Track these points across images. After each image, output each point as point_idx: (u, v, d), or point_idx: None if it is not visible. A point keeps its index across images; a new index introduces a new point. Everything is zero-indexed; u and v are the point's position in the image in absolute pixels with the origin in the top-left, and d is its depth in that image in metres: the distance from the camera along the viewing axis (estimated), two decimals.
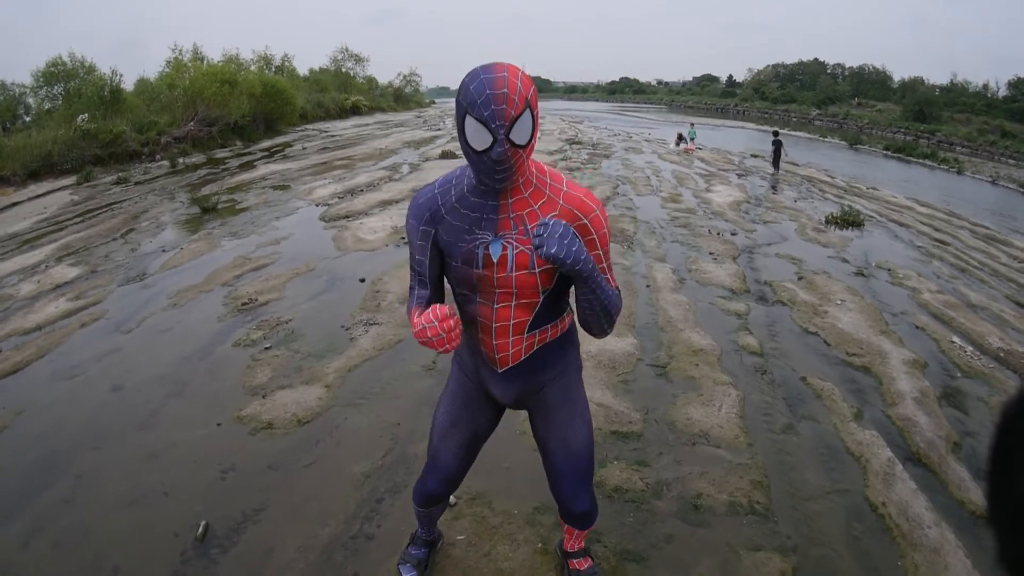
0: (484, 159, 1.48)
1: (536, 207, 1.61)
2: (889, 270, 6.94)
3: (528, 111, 1.46)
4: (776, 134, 15.33)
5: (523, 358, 1.79)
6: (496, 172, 1.50)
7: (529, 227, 1.60)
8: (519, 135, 1.46)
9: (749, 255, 7.16)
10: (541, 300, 1.71)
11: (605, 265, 1.67)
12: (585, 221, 1.62)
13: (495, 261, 1.63)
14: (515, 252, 1.62)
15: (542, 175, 1.64)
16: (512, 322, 1.72)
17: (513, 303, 1.69)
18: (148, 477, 2.98)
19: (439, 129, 24.34)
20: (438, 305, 1.58)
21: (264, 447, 3.23)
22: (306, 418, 3.49)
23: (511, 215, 1.61)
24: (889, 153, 27.68)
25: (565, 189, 1.63)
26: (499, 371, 1.82)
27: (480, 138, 1.45)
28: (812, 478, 3.06)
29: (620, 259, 6.57)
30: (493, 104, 1.41)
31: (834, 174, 16.48)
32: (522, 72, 1.46)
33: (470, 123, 1.45)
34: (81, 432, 3.39)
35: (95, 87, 16.66)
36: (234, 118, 18.56)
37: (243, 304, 5.17)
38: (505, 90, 1.41)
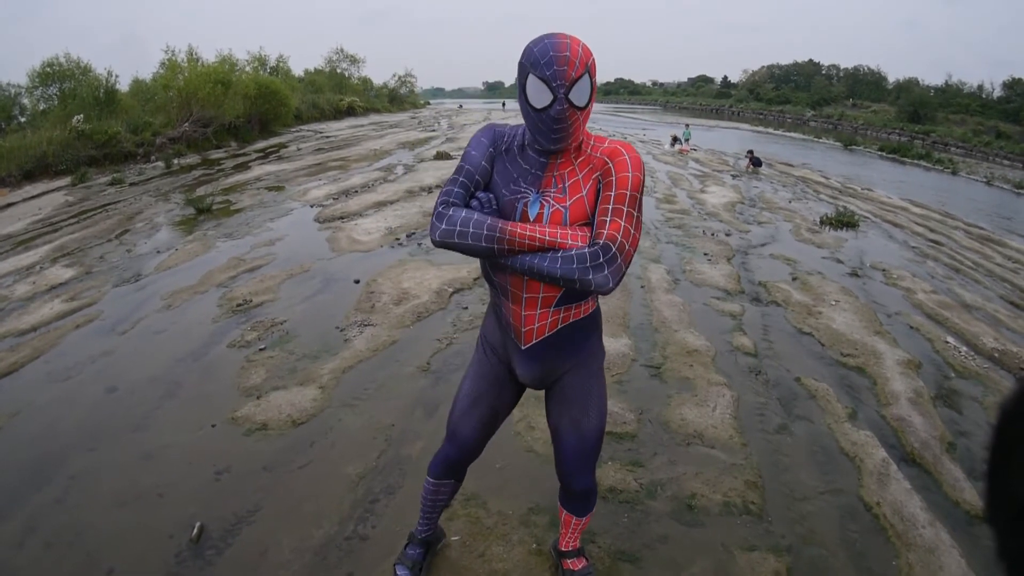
0: (543, 116, 1.56)
1: (576, 164, 1.68)
2: (883, 271, 6.96)
3: (587, 76, 1.54)
4: (751, 153, 16.24)
5: (547, 335, 1.80)
6: (553, 132, 1.58)
7: (568, 184, 1.66)
8: (578, 96, 1.54)
9: (743, 256, 7.18)
10: None
11: (609, 208, 1.61)
12: (610, 164, 1.65)
13: (531, 219, 1.67)
14: (551, 210, 1.66)
15: (588, 139, 1.70)
16: (541, 295, 1.73)
17: None
18: (142, 478, 2.97)
19: (434, 130, 24.35)
20: None
21: (258, 448, 3.22)
22: (300, 419, 3.49)
23: (555, 173, 1.68)
24: (884, 154, 27.79)
25: (605, 145, 1.68)
26: (522, 348, 1.83)
27: (541, 96, 1.53)
28: (806, 478, 3.07)
29: None
30: (556, 65, 1.50)
31: (829, 175, 16.53)
32: (583, 42, 1.55)
33: (532, 82, 1.54)
34: (75, 433, 3.38)
35: (90, 88, 16.59)
36: (229, 119, 18.52)
37: (237, 305, 5.16)
38: (567, 53, 1.50)
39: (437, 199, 1.71)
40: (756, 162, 15.39)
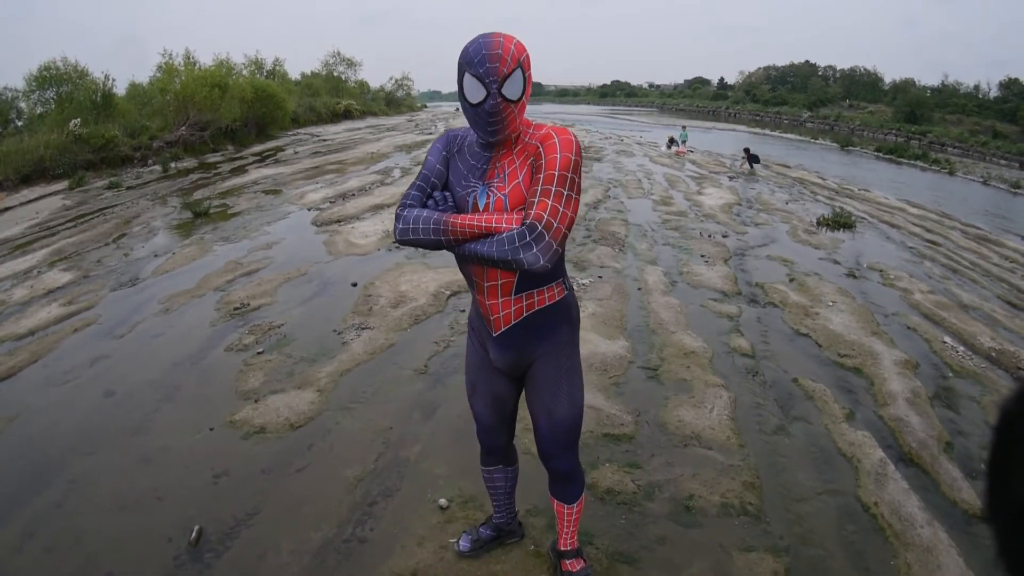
0: (479, 111, 1.65)
1: (514, 153, 1.76)
2: (880, 271, 6.97)
3: (520, 71, 1.64)
4: (747, 150, 16.07)
5: (514, 323, 1.88)
6: (489, 124, 1.66)
7: (507, 172, 1.75)
8: (511, 90, 1.64)
9: (740, 257, 7.18)
10: None
11: (538, 188, 1.65)
12: (541, 148, 1.71)
13: (480, 209, 1.76)
14: (494, 199, 1.75)
15: (528, 128, 1.77)
16: (500, 282, 1.82)
17: None
18: (141, 482, 2.98)
19: (431, 133, 24.33)
20: None
21: (257, 451, 3.22)
22: (298, 422, 3.49)
23: (497, 165, 1.77)
24: (880, 154, 27.83)
25: (541, 132, 1.74)
26: (494, 335, 1.92)
27: (475, 92, 1.63)
28: (804, 479, 3.07)
29: (611, 262, 6.59)
30: (488, 62, 1.60)
31: (825, 176, 16.55)
32: (516, 39, 1.65)
33: (467, 79, 1.64)
34: (74, 437, 3.38)
35: (87, 92, 16.59)
36: (226, 122, 18.51)
37: (235, 309, 5.16)
38: (499, 51, 1.60)
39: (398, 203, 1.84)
40: (753, 159, 15.34)
